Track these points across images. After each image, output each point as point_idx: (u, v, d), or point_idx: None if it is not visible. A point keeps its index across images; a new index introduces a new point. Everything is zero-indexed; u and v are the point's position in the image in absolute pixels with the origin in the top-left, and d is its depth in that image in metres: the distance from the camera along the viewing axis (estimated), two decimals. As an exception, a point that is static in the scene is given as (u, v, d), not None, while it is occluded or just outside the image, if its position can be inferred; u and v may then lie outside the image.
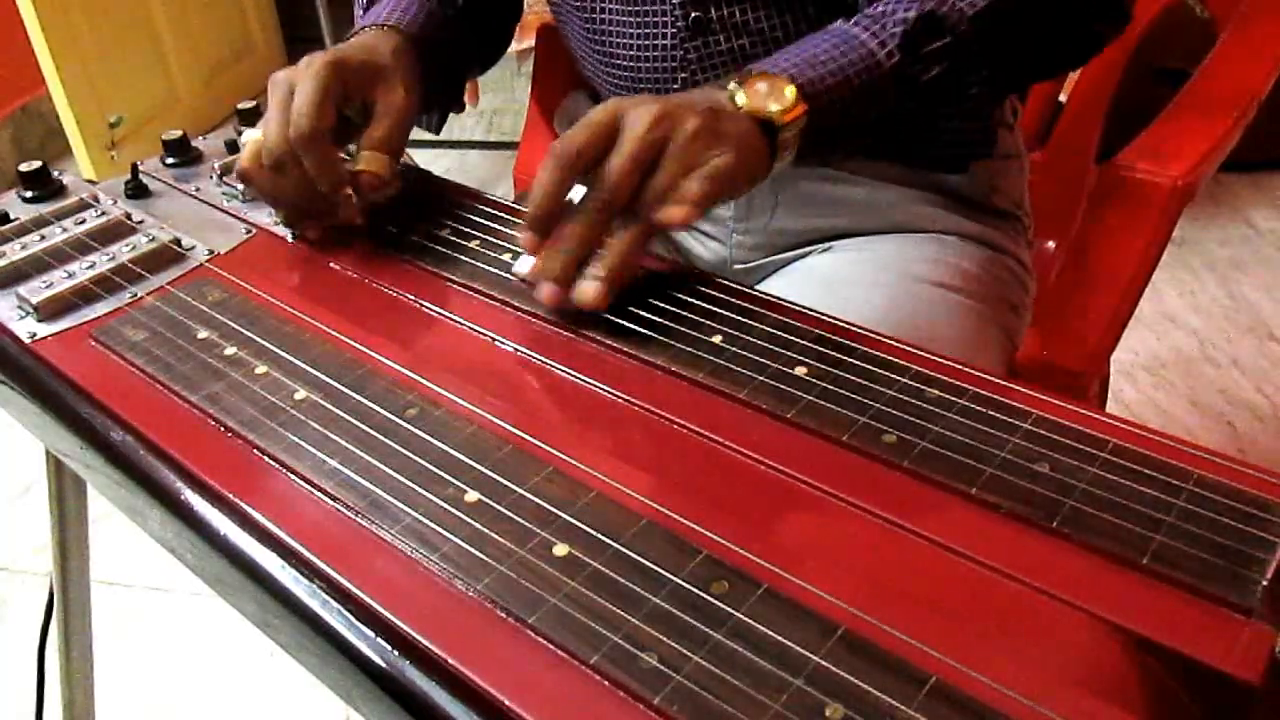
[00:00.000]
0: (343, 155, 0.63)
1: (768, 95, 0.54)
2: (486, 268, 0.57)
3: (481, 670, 0.34)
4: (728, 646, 0.34)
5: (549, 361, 0.50)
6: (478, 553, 0.38)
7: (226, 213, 0.65)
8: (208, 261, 0.60)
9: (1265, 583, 0.35)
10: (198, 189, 0.68)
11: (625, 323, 0.52)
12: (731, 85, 0.54)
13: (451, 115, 0.82)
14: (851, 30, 0.58)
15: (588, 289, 0.51)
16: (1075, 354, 0.73)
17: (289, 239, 0.62)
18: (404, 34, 0.66)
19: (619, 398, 0.47)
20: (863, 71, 0.56)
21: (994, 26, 0.58)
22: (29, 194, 0.67)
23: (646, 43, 0.70)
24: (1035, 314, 0.79)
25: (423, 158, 0.64)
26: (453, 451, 0.43)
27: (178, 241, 0.61)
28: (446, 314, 0.54)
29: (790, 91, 0.54)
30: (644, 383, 0.48)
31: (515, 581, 0.37)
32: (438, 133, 0.81)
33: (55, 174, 0.68)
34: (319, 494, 0.42)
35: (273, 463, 0.44)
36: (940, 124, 0.61)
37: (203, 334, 0.53)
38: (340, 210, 0.60)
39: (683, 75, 0.69)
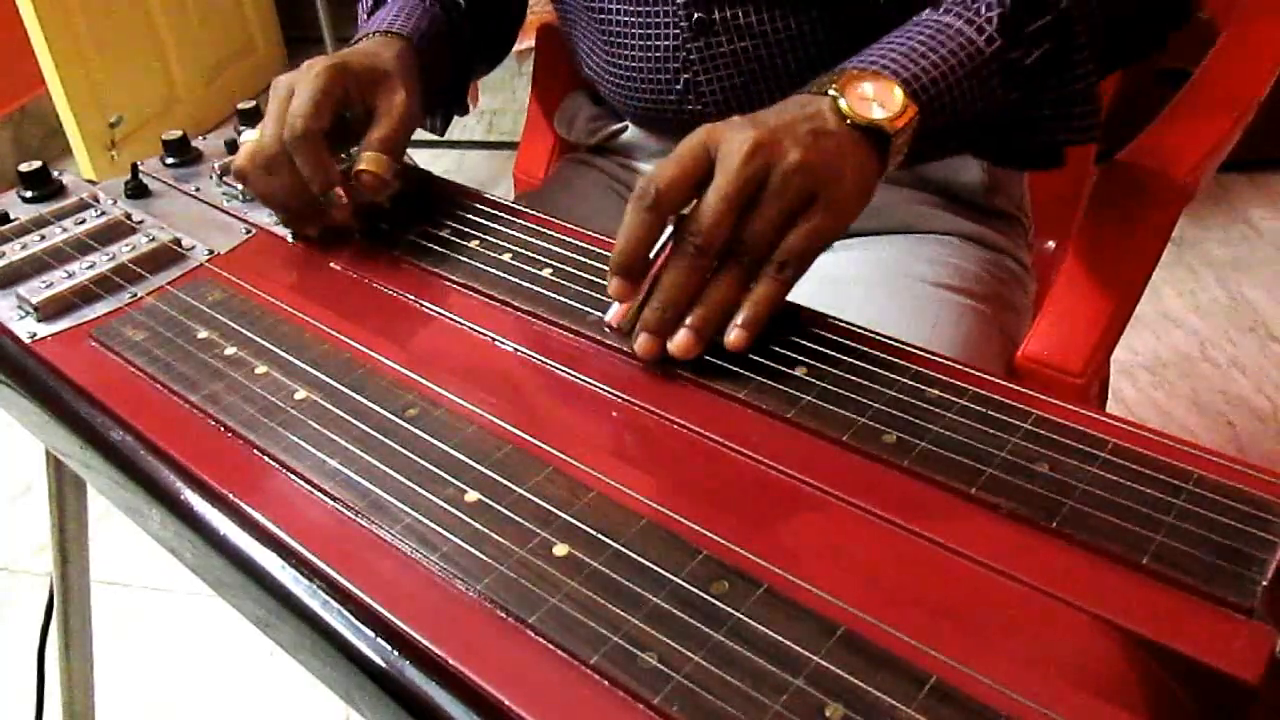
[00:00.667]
0: (340, 158, 0.63)
1: (874, 100, 0.50)
2: (486, 268, 0.57)
3: (481, 670, 0.34)
4: (728, 646, 0.34)
5: (549, 361, 0.50)
6: (478, 553, 0.38)
7: (226, 213, 0.65)
8: (208, 261, 0.60)
9: (1265, 583, 0.35)
10: (198, 189, 0.68)
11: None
12: (832, 90, 0.50)
13: (444, 134, 0.82)
14: (943, 19, 0.54)
15: (682, 340, 0.48)
16: (1075, 354, 0.73)
17: (289, 239, 0.62)
18: (406, 39, 0.66)
19: (619, 398, 0.47)
20: (965, 61, 0.53)
21: (1091, 2, 0.55)
22: (29, 194, 0.67)
23: (651, 43, 0.70)
24: (1035, 314, 0.79)
25: (423, 158, 0.64)
26: (453, 451, 0.43)
27: (178, 241, 0.61)
28: (446, 314, 0.54)
29: (898, 93, 0.50)
30: (644, 383, 0.48)
31: (515, 581, 0.37)
32: (442, 134, 0.81)
33: (55, 174, 0.68)
34: (319, 494, 0.42)
35: (273, 463, 0.44)
36: (1049, 110, 0.57)
37: (203, 334, 0.53)
38: (333, 212, 0.60)
39: (685, 76, 0.70)
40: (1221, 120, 0.74)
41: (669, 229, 0.49)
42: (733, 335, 0.48)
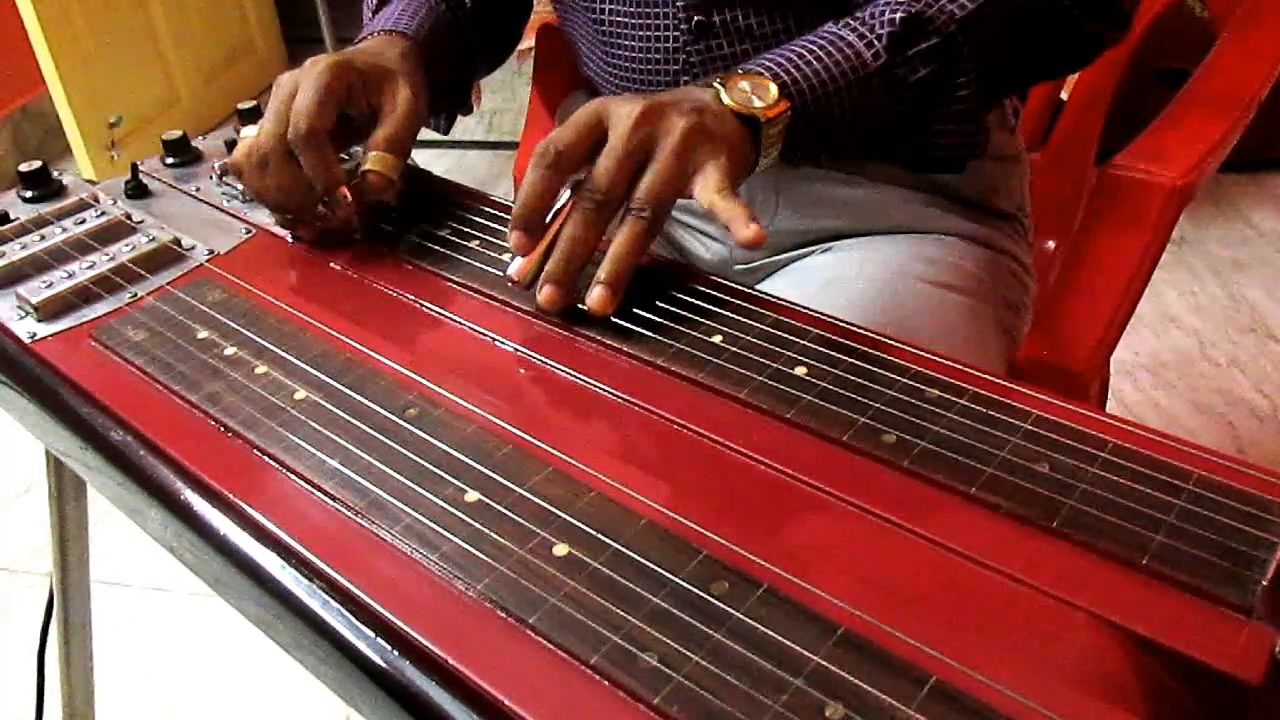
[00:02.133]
0: (342, 157, 0.63)
1: (751, 93, 0.55)
2: (486, 268, 0.57)
3: (481, 670, 0.34)
4: (728, 646, 0.34)
5: (549, 361, 0.50)
6: (478, 553, 0.38)
7: (226, 213, 0.65)
8: (208, 261, 0.60)
9: (1265, 583, 0.35)
10: (198, 189, 0.68)
11: (625, 323, 0.52)
12: (715, 84, 0.55)
13: (448, 132, 0.82)
14: (839, 31, 0.59)
15: (595, 295, 0.51)
16: (1075, 354, 0.73)
17: (289, 239, 0.62)
18: (411, 39, 0.66)
19: (619, 398, 0.47)
20: (848, 71, 0.57)
21: (983, 30, 0.59)
22: (29, 194, 0.67)
23: (650, 44, 0.70)
24: (1035, 314, 0.79)
25: (423, 158, 0.64)
26: (453, 451, 0.43)
27: (178, 241, 0.61)
28: (446, 314, 0.54)
29: (772, 89, 0.55)
30: (644, 383, 0.48)
31: (515, 581, 0.37)
32: (446, 133, 0.81)
33: (55, 174, 0.68)
34: (319, 494, 0.42)
35: (273, 463, 0.44)
36: (934, 125, 0.61)
37: (203, 334, 0.53)
38: (338, 211, 0.60)
39: (685, 79, 0.69)
40: (1221, 120, 0.74)
41: (565, 193, 0.53)
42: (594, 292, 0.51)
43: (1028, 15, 0.61)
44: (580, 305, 0.52)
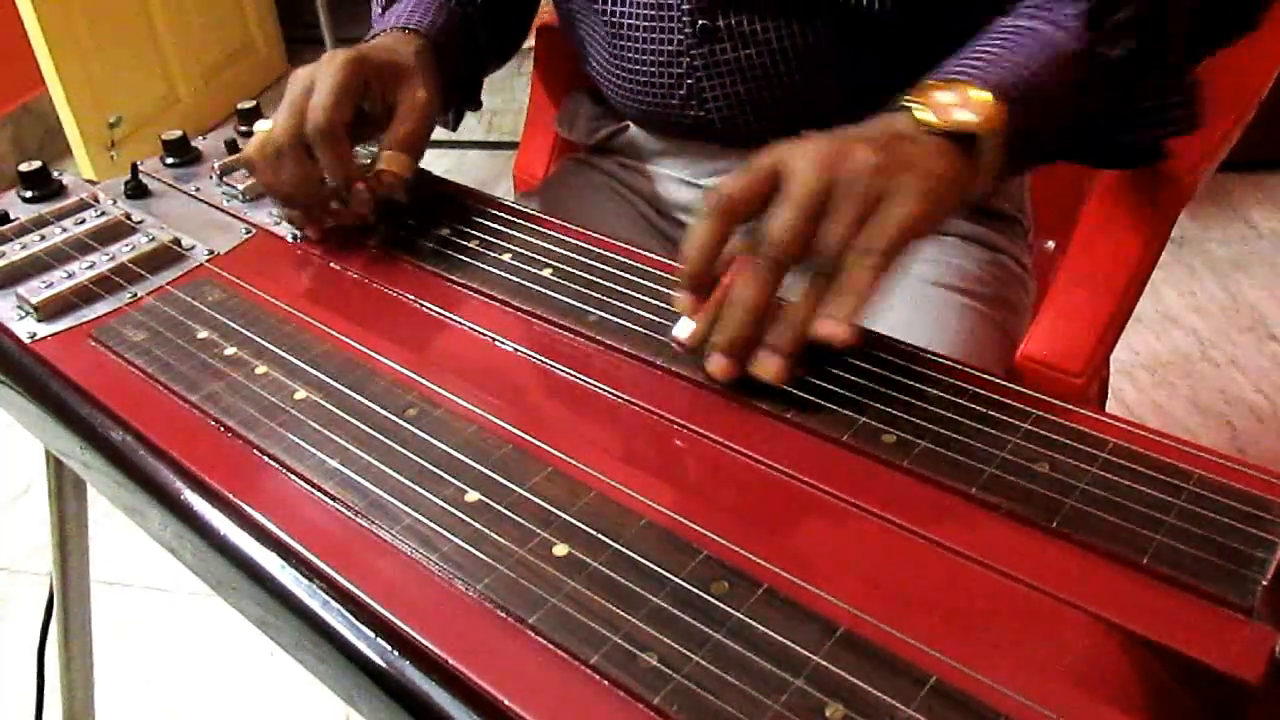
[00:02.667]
0: (355, 151, 0.63)
1: (955, 104, 0.47)
2: (486, 268, 0.57)
3: (481, 670, 0.34)
4: (728, 646, 0.34)
5: (549, 361, 0.50)
6: (478, 553, 0.38)
7: (226, 213, 0.65)
8: (208, 261, 0.60)
9: (1265, 583, 0.35)
10: (198, 189, 0.68)
11: (624, 322, 0.52)
12: (910, 103, 0.48)
13: (456, 129, 0.82)
14: (1021, 23, 0.53)
15: (770, 365, 0.45)
16: (1075, 354, 0.73)
17: (289, 239, 0.62)
18: (424, 36, 0.66)
19: (619, 398, 0.47)
20: (1049, 60, 0.50)
21: None
22: (29, 194, 0.67)
23: (656, 46, 0.70)
24: (1035, 314, 0.79)
25: (423, 158, 0.64)
26: (453, 451, 0.43)
27: (178, 241, 0.61)
28: (446, 314, 0.54)
29: (982, 95, 0.48)
30: (644, 383, 0.48)
31: (515, 581, 0.37)
32: (455, 129, 0.81)
33: (55, 174, 0.68)
34: (319, 494, 0.42)
35: (273, 463, 0.44)
36: (1140, 105, 0.55)
37: (203, 334, 0.53)
38: (353, 205, 0.60)
39: (689, 81, 0.69)
40: (1222, 120, 0.74)
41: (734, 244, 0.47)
42: (825, 327, 0.44)
43: None
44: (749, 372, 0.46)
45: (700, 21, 0.67)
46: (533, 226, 0.61)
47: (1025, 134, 0.49)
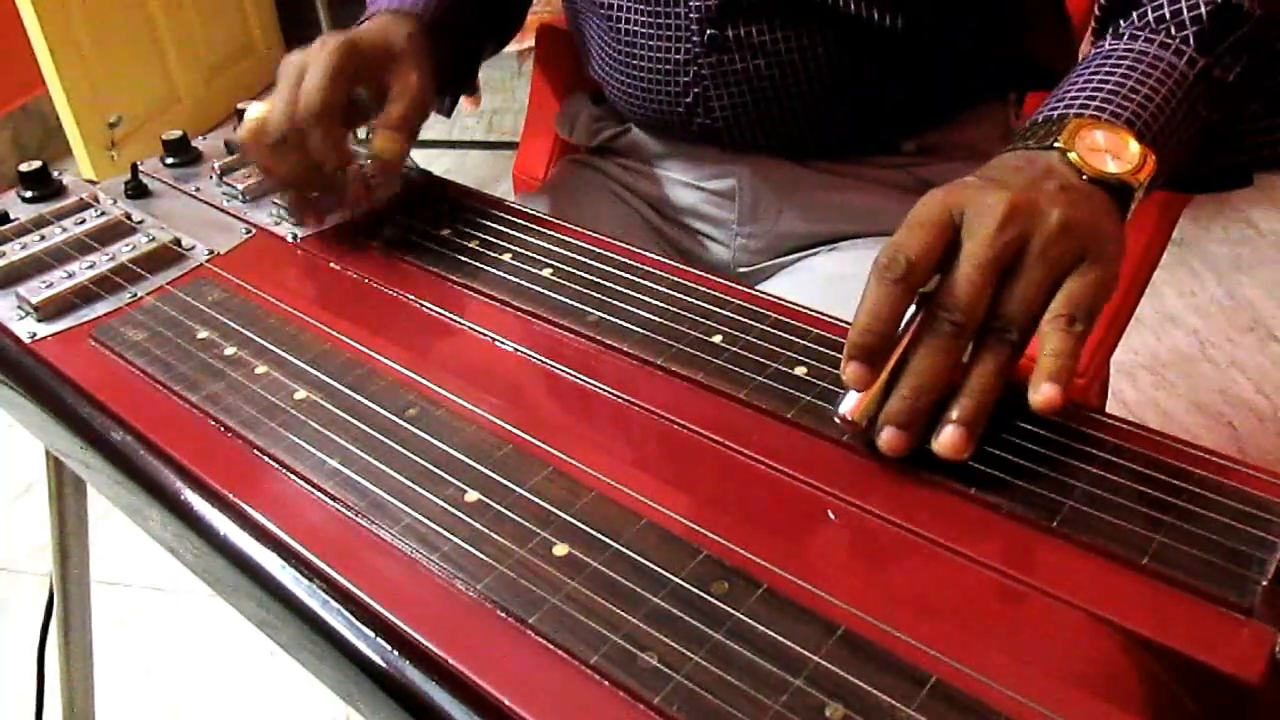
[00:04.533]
0: (352, 135, 0.63)
1: (1105, 150, 0.45)
2: (486, 268, 0.57)
3: (481, 670, 0.34)
4: (728, 646, 0.34)
5: (549, 361, 0.50)
6: (478, 553, 0.38)
7: (226, 213, 0.65)
8: (208, 261, 0.60)
9: (1265, 583, 0.35)
10: (198, 189, 0.68)
11: (624, 322, 0.52)
12: (1057, 143, 0.45)
13: (452, 116, 0.82)
14: (1135, 47, 0.51)
15: (951, 437, 0.40)
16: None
17: (289, 239, 0.62)
18: (418, 19, 0.66)
19: (619, 398, 0.47)
20: (1174, 89, 0.49)
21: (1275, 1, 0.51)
22: (29, 194, 0.67)
23: (663, 54, 0.70)
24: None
25: (423, 158, 0.64)
26: (453, 451, 0.43)
27: (178, 241, 0.61)
28: (446, 314, 0.54)
29: (1133, 144, 0.45)
30: (644, 383, 0.48)
31: (515, 581, 0.37)
32: (450, 115, 0.81)
33: (55, 174, 0.68)
34: (319, 494, 0.42)
35: (273, 463, 0.44)
36: (1252, 124, 0.54)
37: (203, 334, 0.53)
38: (348, 194, 0.60)
39: (696, 90, 0.69)
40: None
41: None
42: (1044, 391, 0.40)
43: None
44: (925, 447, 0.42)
45: (709, 31, 0.67)
46: (533, 227, 0.61)
47: (1161, 174, 0.48)
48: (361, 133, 0.68)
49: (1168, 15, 0.51)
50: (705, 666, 0.33)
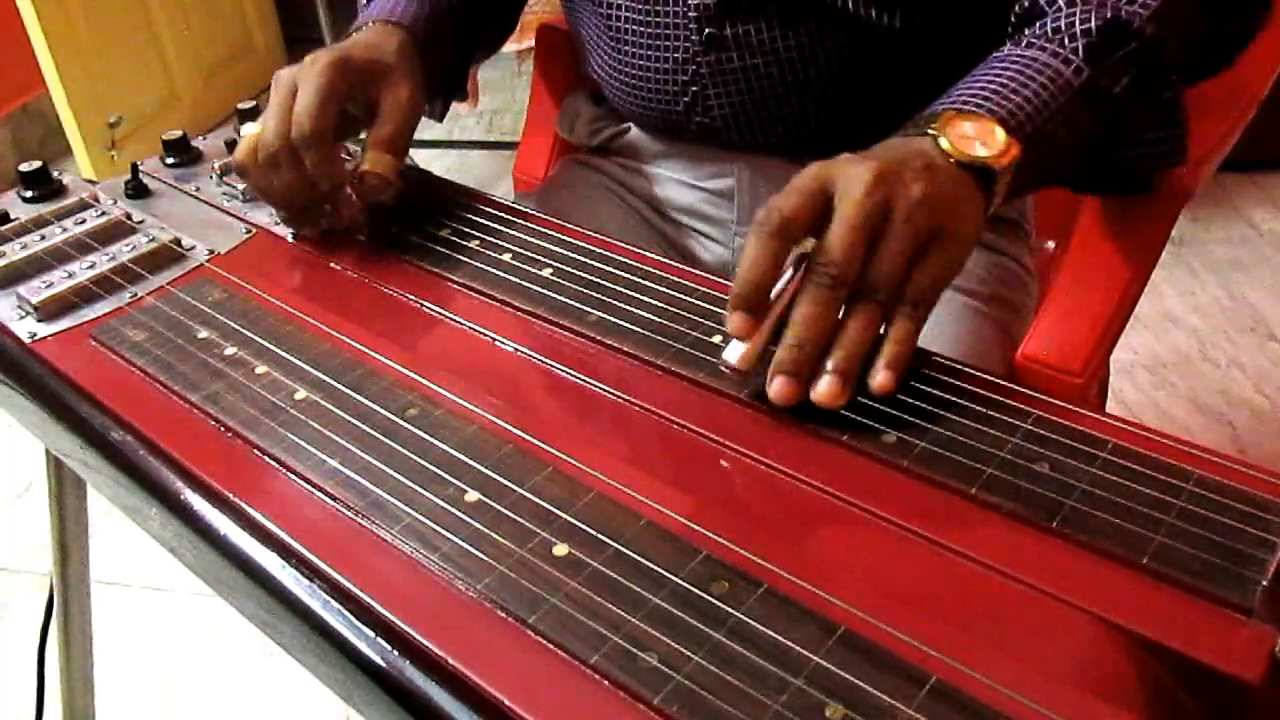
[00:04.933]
0: (345, 155, 0.63)
1: (974, 138, 0.49)
2: (486, 268, 0.57)
3: (481, 670, 0.34)
4: (728, 646, 0.34)
5: (549, 361, 0.50)
6: (478, 553, 0.38)
7: (226, 213, 0.65)
8: (208, 261, 0.60)
9: (1265, 583, 0.35)
10: (198, 189, 0.68)
11: (624, 322, 0.52)
12: (931, 130, 0.49)
13: (451, 115, 0.82)
14: (1027, 53, 0.54)
15: (829, 385, 0.44)
16: (1075, 354, 0.73)
17: (289, 239, 0.62)
18: (407, 30, 0.66)
19: (619, 398, 0.47)
20: (1056, 94, 0.52)
21: (1175, 21, 0.55)
22: (29, 194, 0.67)
23: (661, 53, 0.70)
24: (1035, 314, 0.79)
25: (423, 158, 0.64)
26: (453, 451, 0.43)
27: (178, 241, 0.61)
28: (446, 314, 0.54)
29: (999, 132, 0.49)
30: (644, 383, 0.48)
31: (515, 581, 0.37)
32: (441, 120, 0.81)
33: (55, 174, 0.68)
34: (319, 494, 0.42)
35: (273, 463, 0.44)
36: (1135, 136, 0.57)
37: (203, 334, 0.53)
38: (343, 210, 0.60)
39: (694, 89, 0.69)
40: (1221, 120, 0.74)
41: (788, 270, 0.46)
42: (880, 378, 0.45)
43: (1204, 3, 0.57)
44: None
45: (708, 30, 0.67)
46: (533, 226, 0.61)
47: (1031, 166, 0.51)
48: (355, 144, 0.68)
49: (1063, 27, 0.54)
50: (705, 666, 0.33)
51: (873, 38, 0.65)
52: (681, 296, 0.53)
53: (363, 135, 0.64)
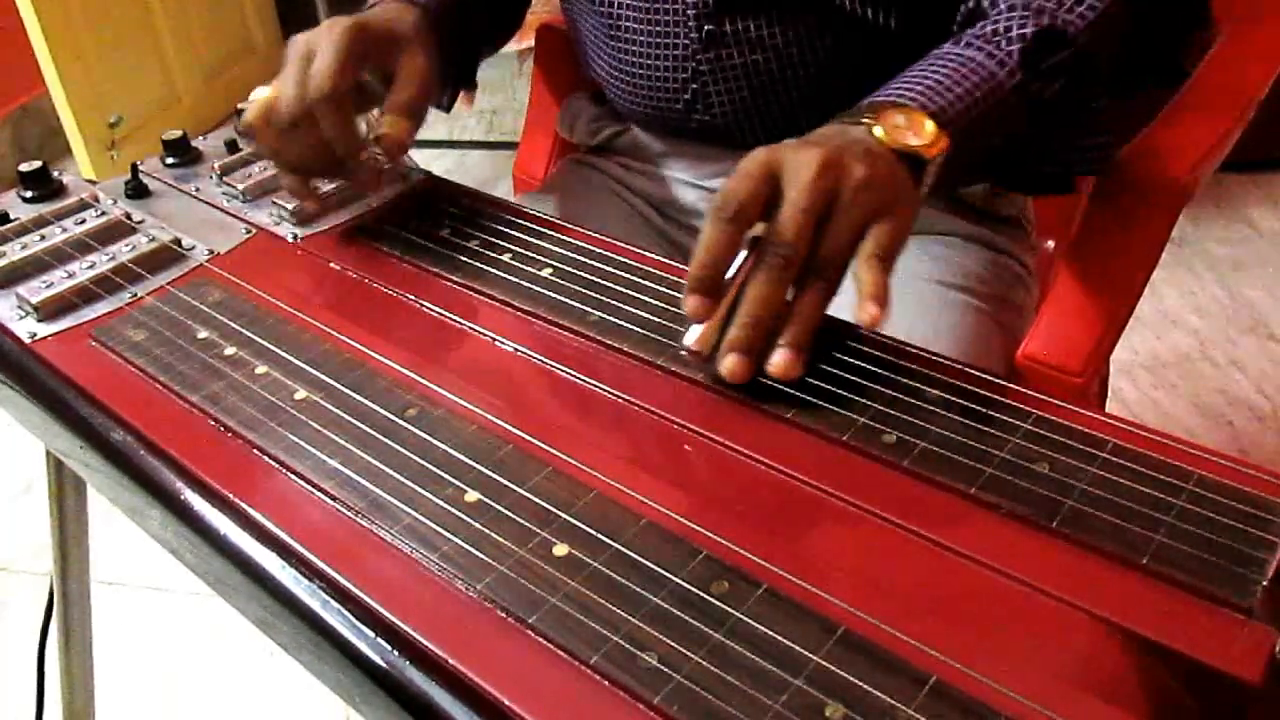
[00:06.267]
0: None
1: (907, 129, 0.51)
2: (486, 268, 0.57)
3: (481, 670, 0.34)
4: (728, 646, 0.34)
5: (549, 361, 0.50)
6: (478, 553, 0.38)
7: (226, 213, 0.65)
8: (208, 261, 0.60)
9: (1265, 583, 0.35)
10: (198, 189, 0.68)
11: (624, 322, 0.52)
12: (865, 119, 0.51)
13: (451, 115, 0.82)
14: (965, 53, 0.56)
15: (783, 359, 0.46)
16: (1075, 354, 0.73)
17: (289, 239, 0.62)
18: (422, 8, 0.66)
19: (619, 398, 0.47)
20: (988, 94, 0.54)
21: (1110, 35, 0.57)
22: (29, 194, 0.67)
23: (660, 51, 0.70)
24: (1035, 314, 0.79)
25: (423, 158, 0.64)
26: (453, 451, 0.43)
27: (178, 241, 0.61)
28: (446, 314, 0.54)
29: (929, 125, 0.51)
30: (644, 383, 0.48)
31: (515, 581, 0.37)
32: (448, 111, 0.81)
33: (55, 174, 0.68)
34: (319, 494, 0.42)
35: (273, 463, 0.44)
36: (1065, 141, 0.59)
37: (203, 334, 0.53)
38: (356, 173, 0.59)
39: (694, 86, 0.69)
40: (1221, 120, 0.74)
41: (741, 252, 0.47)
42: (871, 313, 0.46)
43: (1142, 20, 0.59)
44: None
45: (706, 26, 0.67)
46: (533, 226, 0.61)
47: (959, 160, 0.53)
48: (363, 126, 0.67)
49: (1001, 30, 0.56)
50: (705, 666, 0.33)
51: (872, 33, 0.65)
52: (680, 296, 0.53)
53: (374, 111, 0.64)
